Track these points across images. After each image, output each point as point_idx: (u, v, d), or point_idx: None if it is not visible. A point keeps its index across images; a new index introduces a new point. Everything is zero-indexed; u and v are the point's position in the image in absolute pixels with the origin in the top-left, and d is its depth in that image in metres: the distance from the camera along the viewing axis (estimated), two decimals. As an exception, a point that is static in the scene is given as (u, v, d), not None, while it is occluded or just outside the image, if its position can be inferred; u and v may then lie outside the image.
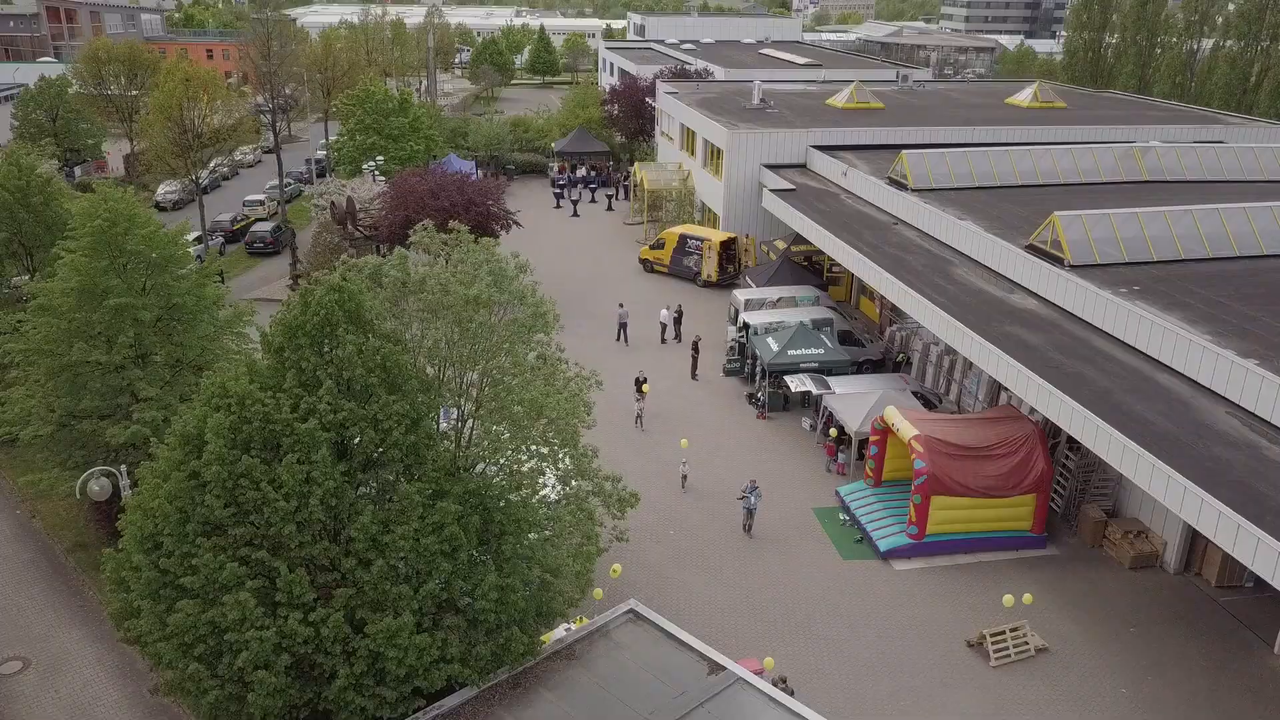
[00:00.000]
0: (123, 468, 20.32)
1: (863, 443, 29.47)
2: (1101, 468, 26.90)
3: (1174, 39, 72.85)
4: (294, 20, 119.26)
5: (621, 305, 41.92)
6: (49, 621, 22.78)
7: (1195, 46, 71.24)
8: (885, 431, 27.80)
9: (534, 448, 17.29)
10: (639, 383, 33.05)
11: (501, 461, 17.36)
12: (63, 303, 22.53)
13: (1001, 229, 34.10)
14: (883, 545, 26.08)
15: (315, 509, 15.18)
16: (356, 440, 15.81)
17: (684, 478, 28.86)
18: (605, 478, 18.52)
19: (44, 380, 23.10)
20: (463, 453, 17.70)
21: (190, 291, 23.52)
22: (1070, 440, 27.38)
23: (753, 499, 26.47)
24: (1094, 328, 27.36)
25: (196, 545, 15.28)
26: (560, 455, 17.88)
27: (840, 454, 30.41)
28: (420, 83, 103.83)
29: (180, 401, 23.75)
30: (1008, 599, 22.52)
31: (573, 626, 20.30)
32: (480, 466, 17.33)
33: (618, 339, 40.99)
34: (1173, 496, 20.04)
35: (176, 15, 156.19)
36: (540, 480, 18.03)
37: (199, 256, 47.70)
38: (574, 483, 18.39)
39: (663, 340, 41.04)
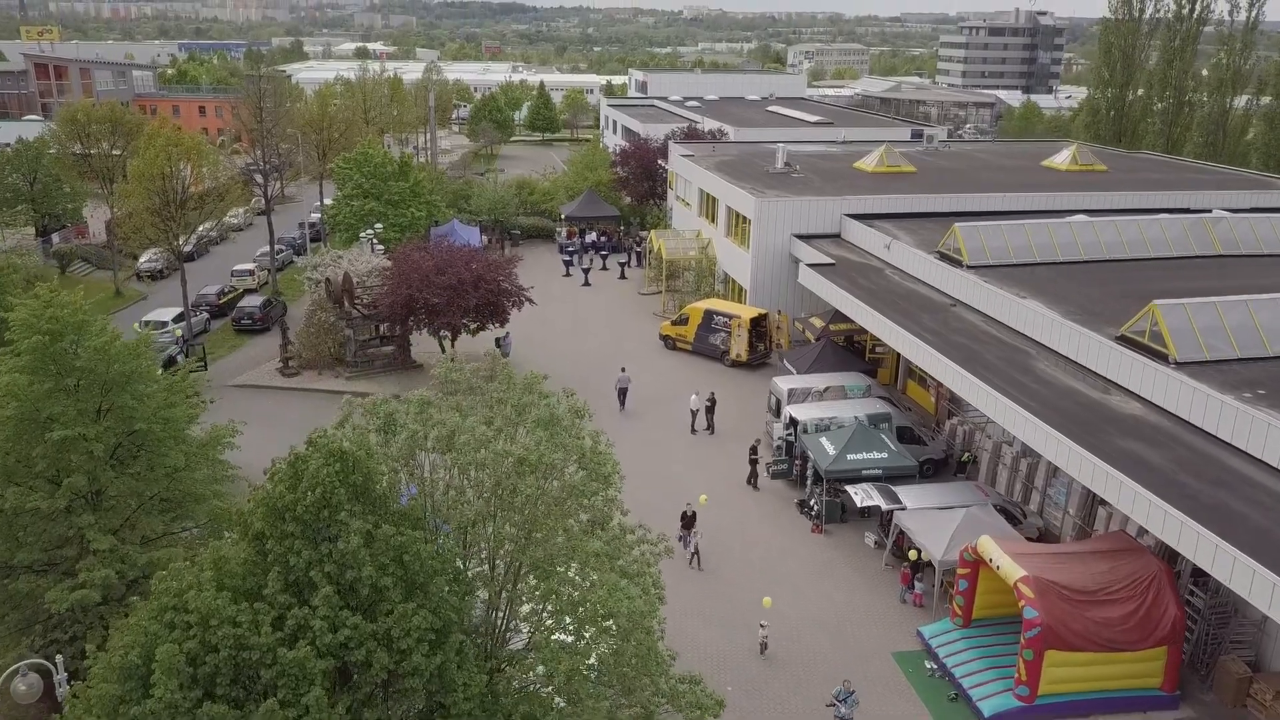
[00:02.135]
0: (59, 659, 15.95)
1: (945, 570, 25.30)
2: (1241, 612, 22.75)
3: (1204, 96, 70.26)
4: (289, 76, 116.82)
5: (623, 370, 39.42)
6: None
7: (1228, 105, 68.59)
8: (976, 563, 23.65)
9: (594, 659, 13.07)
10: (688, 518, 28.30)
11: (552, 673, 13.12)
12: (-3, 433, 18.40)
13: (1081, 314, 30.38)
14: (986, 709, 21.76)
15: (305, 772, 10.94)
16: (362, 663, 11.61)
17: (763, 643, 23.80)
18: (682, 679, 14.31)
19: (-29, 527, 18.85)
20: (500, 650, 13.51)
21: (156, 414, 19.37)
22: (1196, 572, 23.34)
23: (845, 708, 21.11)
24: (1219, 440, 23.40)
25: (138, 826, 10.99)
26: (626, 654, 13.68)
27: (917, 582, 26.18)
28: (419, 141, 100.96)
29: (142, 545, 19.63)
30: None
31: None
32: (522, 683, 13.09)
33: (619, 407, 38.39)
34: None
35: (170, 71, 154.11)
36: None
37: (184, 338, 43.62)
38: (642, 683, 14.15)
39: (692, 430, 36.97)
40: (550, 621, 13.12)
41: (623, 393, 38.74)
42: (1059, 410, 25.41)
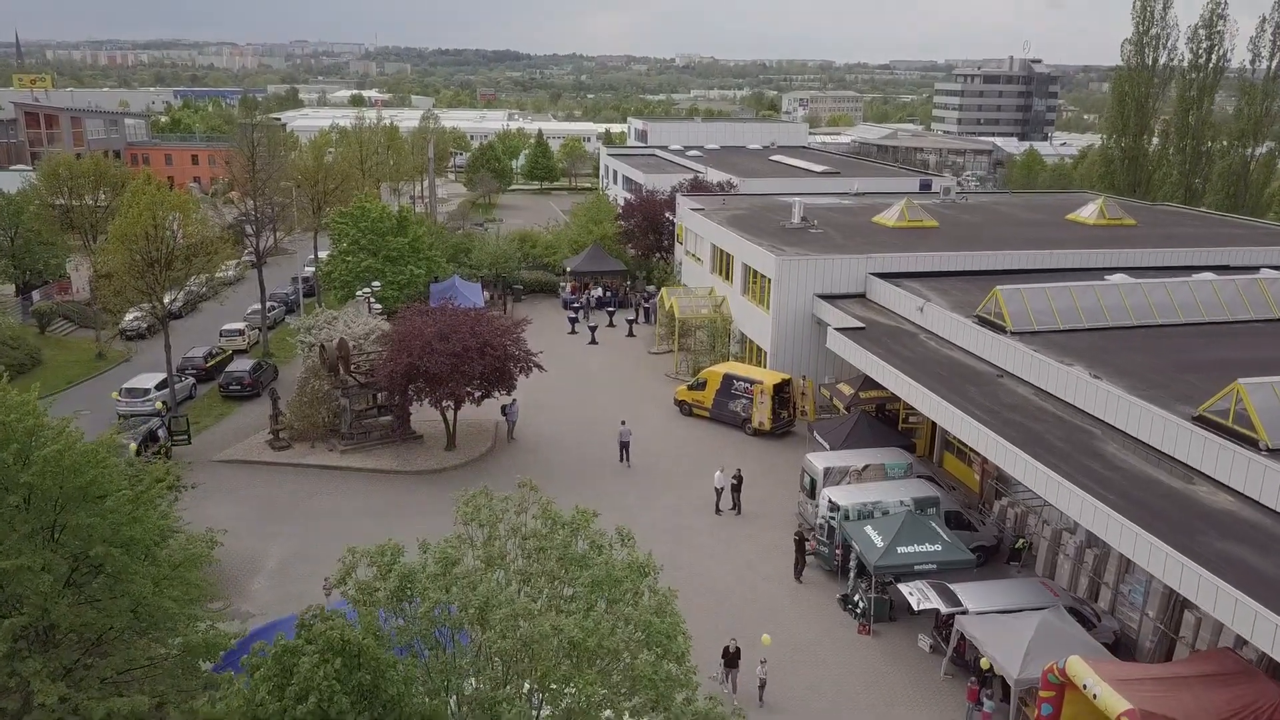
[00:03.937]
0: None
1: (1023, 688, 22.33)
2: (1374, 745, 19.82)
3: (1224, 143, 68.68)
4: (283, 125, 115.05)
5: (624, 423, 38.19)
6: None
7: (1250, 155, 66.98)
8: (1063, 685, 20.73)
9: None
10: (730, 655, 24.00)
11: None
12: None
13: (1145, 389, 27.81)
14: None
15: None
16: None
17: None
18: None
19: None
20: None
21: (118, 534, 16.42)
22: (1311, 695, 20.46)
23: None
24: (1331, 543, 20.70)
25: None
26: None
27: (985, 699, 23.20)
28: (415, 189, 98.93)
29: (101, 686, 16.59)
30: None
31: None
32: None
33: (620, 460, 37.49)
34: None
35: (163, 119, 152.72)
36: None
37: (167, 407, 40.69)
38: None
39: (717, 510, 34.04)
40: None
41: (624, 446, 37.75)
42: (1141, 504, 22.67)
